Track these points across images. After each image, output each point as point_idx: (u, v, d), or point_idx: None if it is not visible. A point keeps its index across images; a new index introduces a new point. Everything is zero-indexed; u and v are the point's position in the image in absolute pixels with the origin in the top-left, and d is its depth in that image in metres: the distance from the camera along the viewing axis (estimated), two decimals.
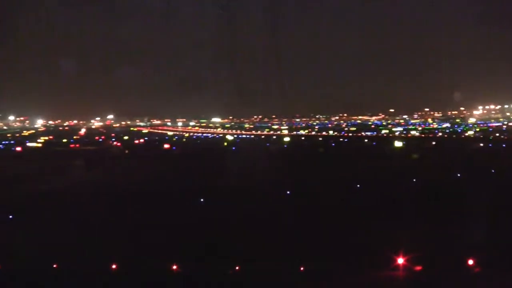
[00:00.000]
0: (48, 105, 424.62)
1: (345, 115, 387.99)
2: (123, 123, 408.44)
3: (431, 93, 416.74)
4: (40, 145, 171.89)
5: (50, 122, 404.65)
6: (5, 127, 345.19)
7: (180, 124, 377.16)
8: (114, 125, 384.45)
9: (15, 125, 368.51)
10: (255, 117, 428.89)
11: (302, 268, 34.03)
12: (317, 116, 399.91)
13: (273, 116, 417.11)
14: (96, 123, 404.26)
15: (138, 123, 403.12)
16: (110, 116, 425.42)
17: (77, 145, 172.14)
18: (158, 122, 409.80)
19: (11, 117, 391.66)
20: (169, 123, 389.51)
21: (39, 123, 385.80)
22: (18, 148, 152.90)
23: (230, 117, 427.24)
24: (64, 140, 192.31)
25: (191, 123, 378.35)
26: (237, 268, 34.21)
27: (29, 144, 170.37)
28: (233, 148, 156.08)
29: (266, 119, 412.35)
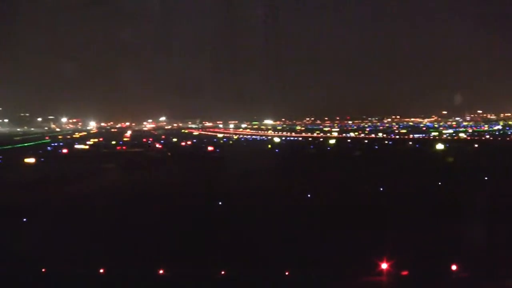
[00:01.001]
0: (101, 107, 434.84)
1: (398, 117, 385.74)
2: (174, 125, 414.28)
3: (484, 95, 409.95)
4: (87, 147, 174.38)
5: (103, 124, 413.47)
6: (57, 129, 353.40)
7: (231, 126, 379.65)
8: (166, 127, 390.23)
9: (68, 127, 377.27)
10: (307, 119, 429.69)
11: (287, 273, 34.04)
12: (370, 118, 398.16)
13: (326, 118, 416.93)
14: (148, 125, 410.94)
15: (190, 125, 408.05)
16: (162, 118, 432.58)
17: (124, 147, 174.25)
18: (210, 124, 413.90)
19: (64, 119, 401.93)
20: (220, 125, 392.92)
21: (92, 125, 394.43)
22: (64, 150, 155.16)
23: (283, 119, 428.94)
24: (113, 142, 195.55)
25: (243, 125, 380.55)
26: (222, 272, 34.31)
27: (76, 146, 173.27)
28: (276, 150, 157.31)
29: (318, 121, 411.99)
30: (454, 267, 33.57)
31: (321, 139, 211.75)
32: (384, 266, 34.08)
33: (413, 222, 46.67)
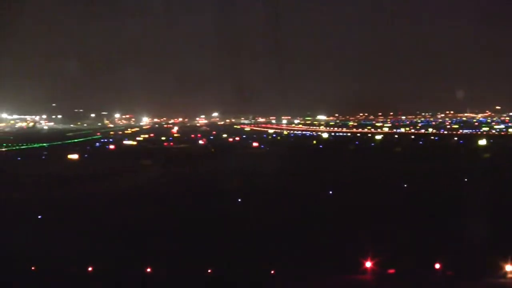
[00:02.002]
0: (154, 103, 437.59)
1: (451, 112, 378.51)
2: (227, 120, 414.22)
3: None
4: (135, 143, 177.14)
5: (156, 119, 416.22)
6: (110, 125, 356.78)
7: (284, 121, 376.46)
8: (219, 123, 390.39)
9: (121, 123, 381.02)
10: (360, 114, 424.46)
11: (272, 272, 34.70)
12: (423, 114, 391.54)
13: (379, 114, 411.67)
14: (200, 120, 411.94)
15: (242, 121, 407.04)
16: (215, 114, 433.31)
17: (171, 144, 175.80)
18: (263, 119, 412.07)
19: (117, 115, 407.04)
20: (273, 121, 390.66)
21: (145, 120, 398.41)
22: (112, 146, 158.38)
23: (336, 115, 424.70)
24: (163, 138, 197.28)
25: (296, 121, 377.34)
26: (209, 271, 35.05)
27: (125, 142, 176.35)
28: (320, 146, 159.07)
29: (371, 117, 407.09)
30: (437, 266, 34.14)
31: (369, 135, 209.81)
32: (368, 264, 34.80)
33: (415, 220, 47.10)
